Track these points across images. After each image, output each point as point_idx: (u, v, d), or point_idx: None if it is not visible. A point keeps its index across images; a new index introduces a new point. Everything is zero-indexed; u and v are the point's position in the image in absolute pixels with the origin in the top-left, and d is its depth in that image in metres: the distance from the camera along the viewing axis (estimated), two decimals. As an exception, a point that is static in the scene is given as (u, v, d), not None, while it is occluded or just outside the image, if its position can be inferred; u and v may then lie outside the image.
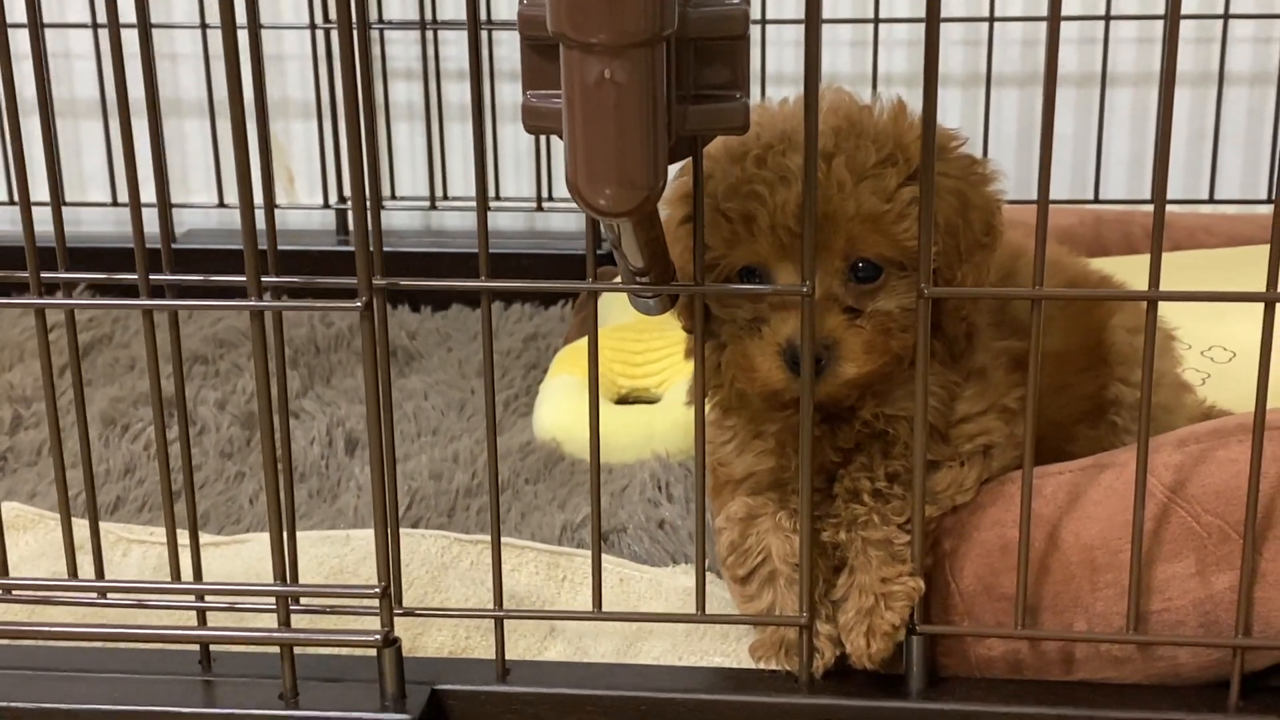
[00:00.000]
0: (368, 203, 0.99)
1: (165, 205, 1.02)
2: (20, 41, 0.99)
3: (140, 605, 1.11)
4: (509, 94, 2.17)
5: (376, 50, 2.16)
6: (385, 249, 1.01)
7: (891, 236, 1.01)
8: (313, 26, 2.10)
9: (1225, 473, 1.03)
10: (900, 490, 1.05)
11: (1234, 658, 1.03)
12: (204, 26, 2.08)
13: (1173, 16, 0.94)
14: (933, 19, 0.93)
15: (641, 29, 0.80)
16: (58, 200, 1.03)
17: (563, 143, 0.86)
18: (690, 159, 0.98)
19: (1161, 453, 1.05)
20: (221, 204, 2.16)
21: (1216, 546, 1.03)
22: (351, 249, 2.12)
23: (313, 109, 2.14)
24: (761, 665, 1.09)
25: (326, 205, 2.17)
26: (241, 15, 0.95)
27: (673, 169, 0.98)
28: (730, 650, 1.18)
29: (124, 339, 1.96)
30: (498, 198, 2.17)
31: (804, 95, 0.96)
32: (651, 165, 0.84)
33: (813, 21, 0.95)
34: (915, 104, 1.81)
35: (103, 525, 1.28)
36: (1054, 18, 0.93)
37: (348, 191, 2.16)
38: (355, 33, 0.96)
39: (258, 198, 0.99)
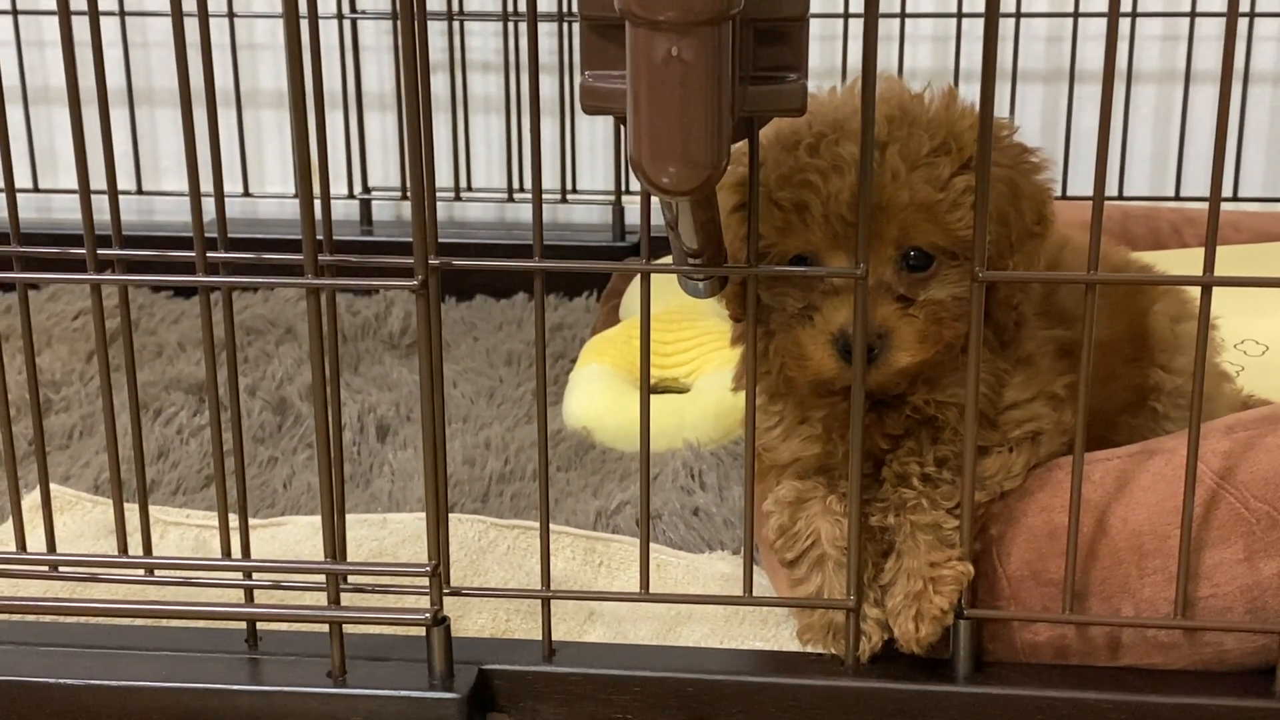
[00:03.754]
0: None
1: (220, 189, 1.02)
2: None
3: (187, 583, 1.11)
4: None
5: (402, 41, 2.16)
6: (409, 239, 1.01)
7: (945, 225, 1.01)
8: (340, 16, 2.11)
9: (1274, 459, 1.04)
10: (949, 475, 1.05)
11: (1280, 644, 1.04)
12: (231, 15, 2.10)
13: (1230, 14, 0.93)
14: (992, 11, 0.94)
15: (710, 6, 0.80)
16: (113, 184, 1.02)
17: (626, 123, 0.86)
18: (741, 145, 0.99)
19: (1210, 439, 1.05)
20: (247, 193, 2.16)
21: (1265, 533, 1.03)
22: (377, 238, 2.16)
23: (338, 99, 2.14)
24: (809, 649, 1.10)
25: (351, 195, 2.17)
26: (265, 5, 0.94)
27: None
28: (770, 635, 1.18)
29: (150, 325, 1.96)
30: (520, 189, 2.17)
31: (861, 83, 0.96)
32: (715, 144, 0.84)
33: (871, 12, 0.95)
34: (974, 97, 1.82)
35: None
36: (1113, 13, 0.93)
37: (373, 181, 2.19)
38: (415, 23, 0.96)
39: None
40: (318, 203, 1.00)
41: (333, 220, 2.17)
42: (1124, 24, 2.03)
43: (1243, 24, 2.01)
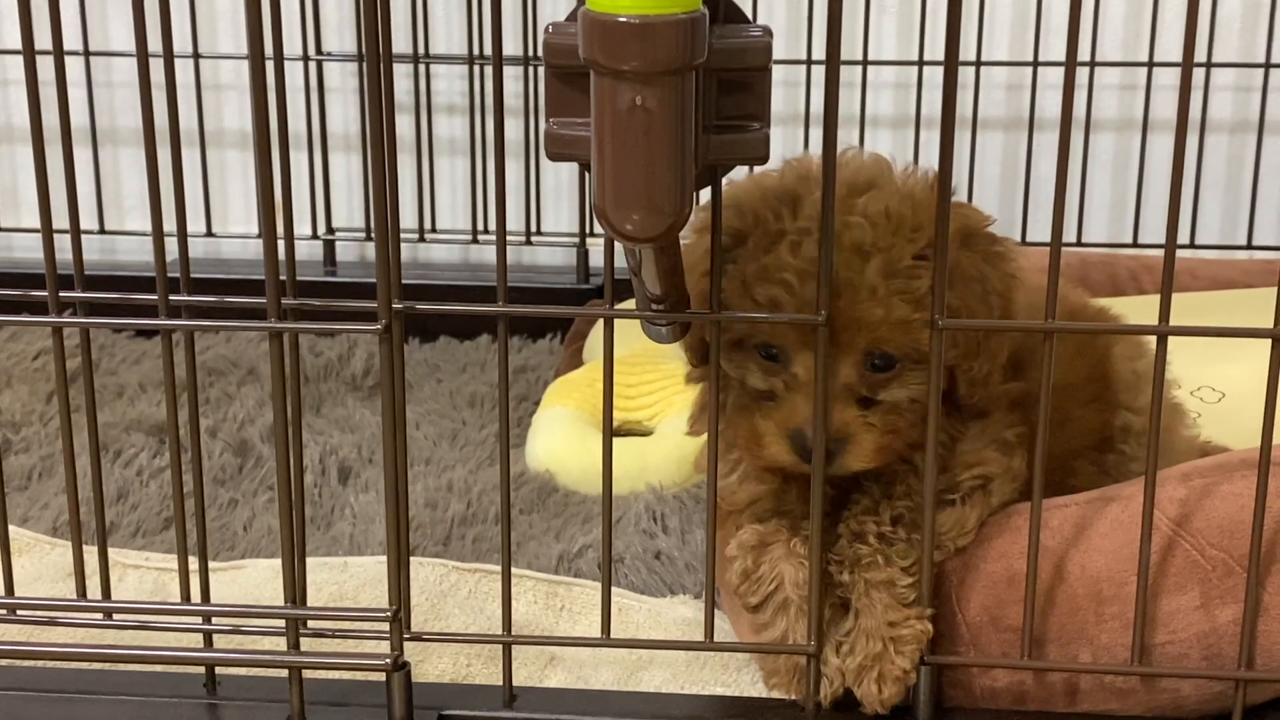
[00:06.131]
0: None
1: (183, 230, 1.02)
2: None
3: (145, 627, 1.11)
4: (498, 128, 2.18)
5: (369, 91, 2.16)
6: (372, 280, 1.01)
7: (915, 337, 1.01)
8: (305, 58, 2.11)
9: (1230, 507, 1.05)
10: (904, 533, 1.05)
11: (1236, 691, 1.04)
12: (196, 56, 2.09)
13: (1185, 65, 0.95)
14: (951, 60, 0.95)
15: (674, 57, 0.82)
16: (76, 225, 1.03)
17: (590, 169, 0.87)
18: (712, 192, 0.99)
19: (1166, 486, 1.06)
20: (209, 233, 2.16)
21: (1220, 580, 1.04)
22: (340, 279, 2.15)
23: (302, 140, 2.14)
24: (776, 694, 1.10)
25: (315, 236, 2.17)
26: (230, 46, 0.95)
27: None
28: (731, 680, 1.19)
29: (111, 365, 1.95)
30: (485, 230, 2.18)
31: (823, 130, 0.97)
32: (679, 192, 0.85)
33: (833, 60, 0.96)
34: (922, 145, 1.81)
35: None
36: (1070, 62, 0.95)
37: (337, 222, 2.19)
38: (382, 66, 0.96)
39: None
40: (281, 244, 1.00)
41: (296, 261, 2.18)
42: (1082, 73, 2.05)
43: (1199, 74, 2.04)
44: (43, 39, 1.00)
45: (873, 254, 1.00)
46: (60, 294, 1.03)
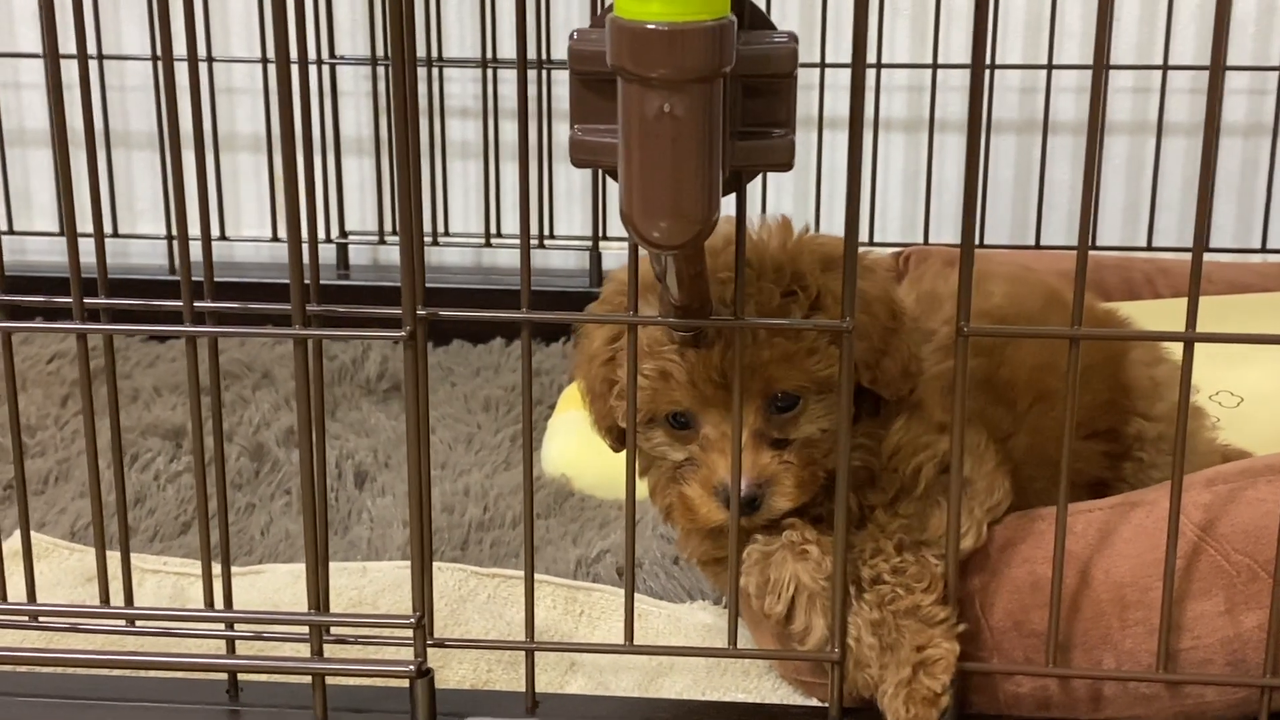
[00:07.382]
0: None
1: (207, 237, 1.02)
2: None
3: (167, 633, 1.11)
4: (509, 131, 2.18)
5: (381, 87, 2.16)
6: (385, 284, 1.01)
7: (805, 369, 1.04)
8: (319, 62, 2.11)
9: (1254, 512, 1.05)
10: (912, 557, 1.06)
11: (1261, 696, 1.04)
12: (210, 60, 2.10)
13: (1214, 68, 0.95)
14: (977, 65, 0.95)
15: (703, 64, 0.81)
16: (99, 231, 1.03)
17: (615, 176, 0.87)
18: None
19: (1191, 492, 1.06)
20: (223, 237, 2.16)
21: (1245, 585, 1.04)
22: (354, 283, 2.15)
23: (315, 144, 2.14)
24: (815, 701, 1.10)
25: (328, 239, 2.17)
26: (243, 50, 0.95)
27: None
28: (752, 686, 1.18)
29: (126, 369, 1.95)
30: (498, 234, 2.18)
31: (849, 149, 0.97)
32: (707, 199, 0.85)
33: (859, 63, 0.96)
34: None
35: (117, 554, 1.27)
36: (1097, 66, 0.95)
37: (349, 225, 2.19)
38: (406, 70, 0.96)
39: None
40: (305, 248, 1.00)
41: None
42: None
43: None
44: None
45: (744, 303, 1.02)
46: (85, 300, 1.03)
